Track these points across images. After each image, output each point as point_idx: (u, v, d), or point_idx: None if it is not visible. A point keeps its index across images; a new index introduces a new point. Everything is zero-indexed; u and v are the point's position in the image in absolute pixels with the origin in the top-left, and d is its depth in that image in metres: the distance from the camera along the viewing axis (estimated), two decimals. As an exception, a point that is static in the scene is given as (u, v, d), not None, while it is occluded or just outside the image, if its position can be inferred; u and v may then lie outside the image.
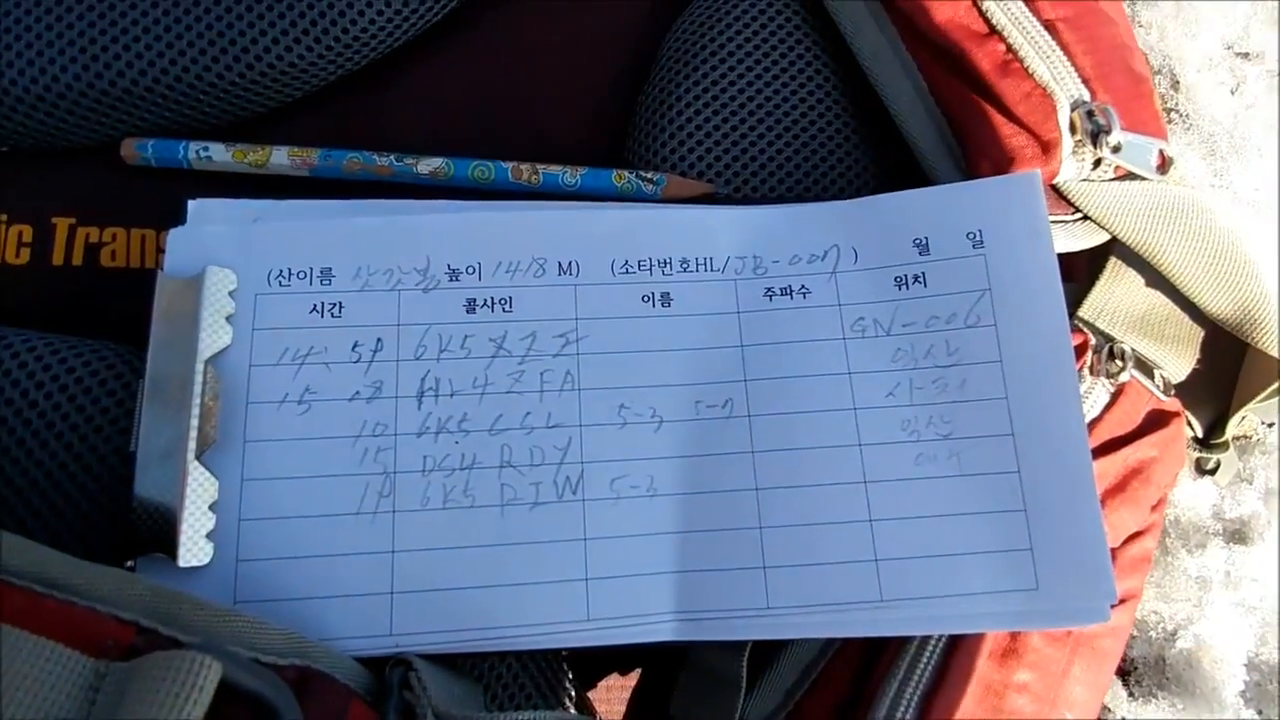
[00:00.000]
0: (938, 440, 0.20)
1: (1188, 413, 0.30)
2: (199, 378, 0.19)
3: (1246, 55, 0.51)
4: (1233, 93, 0.50)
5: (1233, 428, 0.31)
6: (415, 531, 0.19)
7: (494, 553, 0.19)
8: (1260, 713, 0.35)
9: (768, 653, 0.21)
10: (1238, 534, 0.38)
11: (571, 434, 0.20)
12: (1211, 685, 0.35)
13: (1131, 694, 0.36)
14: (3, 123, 0.22)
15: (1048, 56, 0.21)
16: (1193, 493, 0.38)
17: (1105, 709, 0.35)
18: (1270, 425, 0.41)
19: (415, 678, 0.17)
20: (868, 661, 0.21)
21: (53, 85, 0.22)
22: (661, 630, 0.19)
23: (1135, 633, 0.37)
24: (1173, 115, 0.48)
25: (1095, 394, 0.22)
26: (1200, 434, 0.32)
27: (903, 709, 0.20)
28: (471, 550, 0.19)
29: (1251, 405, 0.28)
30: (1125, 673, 0.36)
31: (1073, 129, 0.21)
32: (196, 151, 0.22)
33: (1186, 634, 0.36)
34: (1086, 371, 0.23)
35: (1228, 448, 0.33)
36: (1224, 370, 0.30)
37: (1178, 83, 0.50)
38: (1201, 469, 0.36)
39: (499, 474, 0.19)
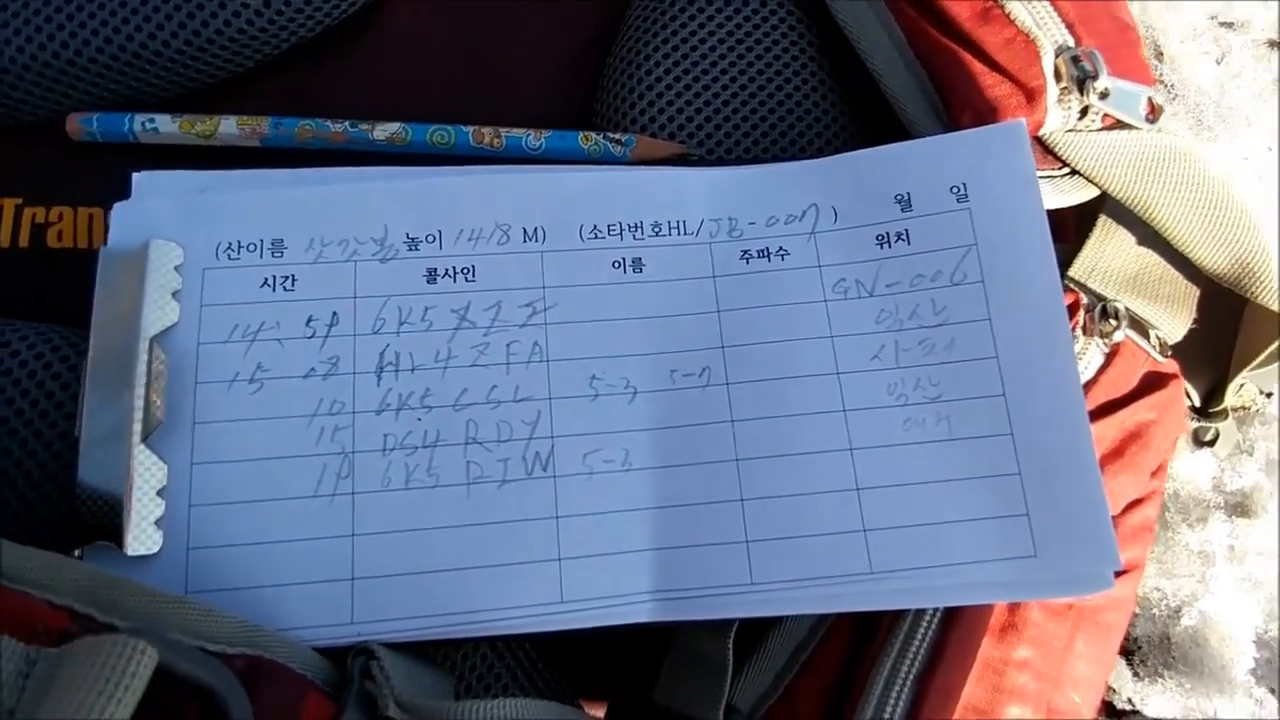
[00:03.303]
0: (926, 404, 0.19)
1: (1185, 382, 0.29)
2: (143, 356, 0.18)
3: (1231, 25, 0.51)
4: (1218, 63, 0.49)
5: (1231, 395, 0.30)
6: (376, 514, 0.18)
7: (460, 534, 0.18)
8: (1273, 690, 0.35)
9: (755, 635, 0.20)
10: (1240, 507, 0.38)
11: (540, 407, 0.19)
12: (1220, 663, 0.34)
13: (1136, 674, 0.35)
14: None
15: (1037, 12, 0.20)
16: (1192, 465, 0.37)
17: (1110, 689, 0.35)
18: (1269, 395, 0.41)
19: (377, 666, 0.16)
20: (860, 642, 0.20)
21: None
22: (640, 611, 0.18)
23: (1138, 611, 0.36)
24: (1159, 85, 0.48)
25: (1089, 355, 0.22)
26: (1198, 403, 0.31)
27: (897, 689, 0.19)
28: (437, 532, 0.18)
29: (1251, 368, 0.27)
30: (1129, 652, 0.36)
31: (1057, 76, 0.20)
32: (142, 124, 0.21)
33: (1191, 611, 0.35)
34: (1079, 332, 0.22)
35: (1226, 416, 0.32)
36: (1220, 337, 0.29)
37: (1162, 53, 0.49)
38: (1200, 440, 0.36)
39: (464, 451, 0.18)
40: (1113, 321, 0.22)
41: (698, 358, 0.19)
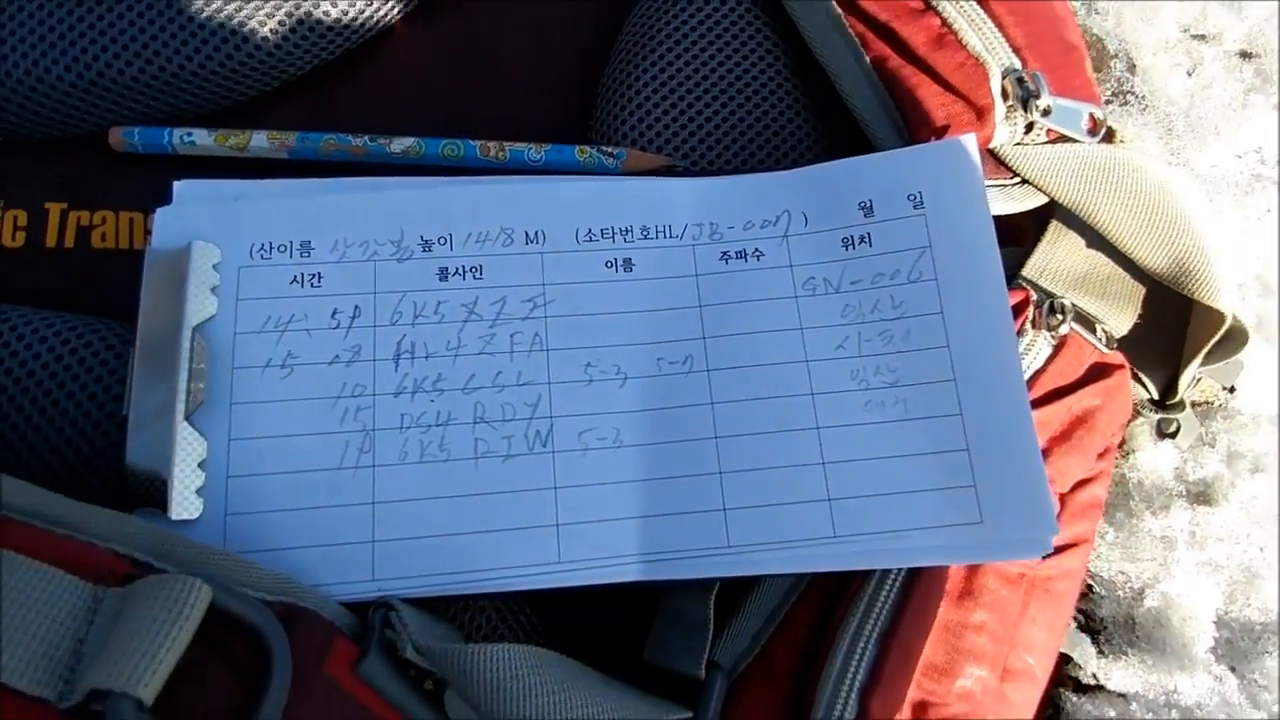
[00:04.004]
0: (885, 388, 0.21)
1: (1143, 375, 0.31)
2: (186, 345, 0.20)
3: (1204, 37, 0.53)
4: (1189, 74, 0.52)
5: (1185, 385, 0.32)
6: (394, 484, 0.20)
7: (469, 502, 0.20)
8: (1234, 669, 0.37)
9: (734, 599, 0.22)
10: (1202, 495, 0.40)
11: (541, 391, 0.21)
12: (1181, 642, 0.36)
13: (1101, 652, 0.37)
14: (-4, 114, 0.23)
15: (980, 28, 0.22)
16: (1155, 456, 0.40)
17: (1076, 665, 0.37)
18: (1231, 390, 0.43)
19: (396, 617, 0.18)
20: (830, 606, 0.23)
21: (45, 77, 0.23)
22: (629, 570, 0.20)
23: (1103, 593, 0.38)
24: (1129, 97, 0.50)
25: (1037, 346, 0.24)
26: (1156, 396, 0.34)
27: (861, 645, 0.21)
28: (448, 500, 0.20)
29: (1198, 359, 0.29)
30: (1095, 632, 0.38)
31: (1004, 95, 0.22)
32: (180, 137, 0.24)
33: (1154, 592, 0.37)
34: (1029, 325, 0.24)
35: (1184, 408, 0.34)
36: (1172, 333, 0.31)
37: (1134, 66, 0.52)
38: (1163, 433, 0.38)
39: (473, 429, 0.20)
40: (1059, 316, 0.24)
41: (682, 347, 0.21)
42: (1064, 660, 0.36)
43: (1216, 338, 0.27)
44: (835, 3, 0.23)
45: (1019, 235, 0.27)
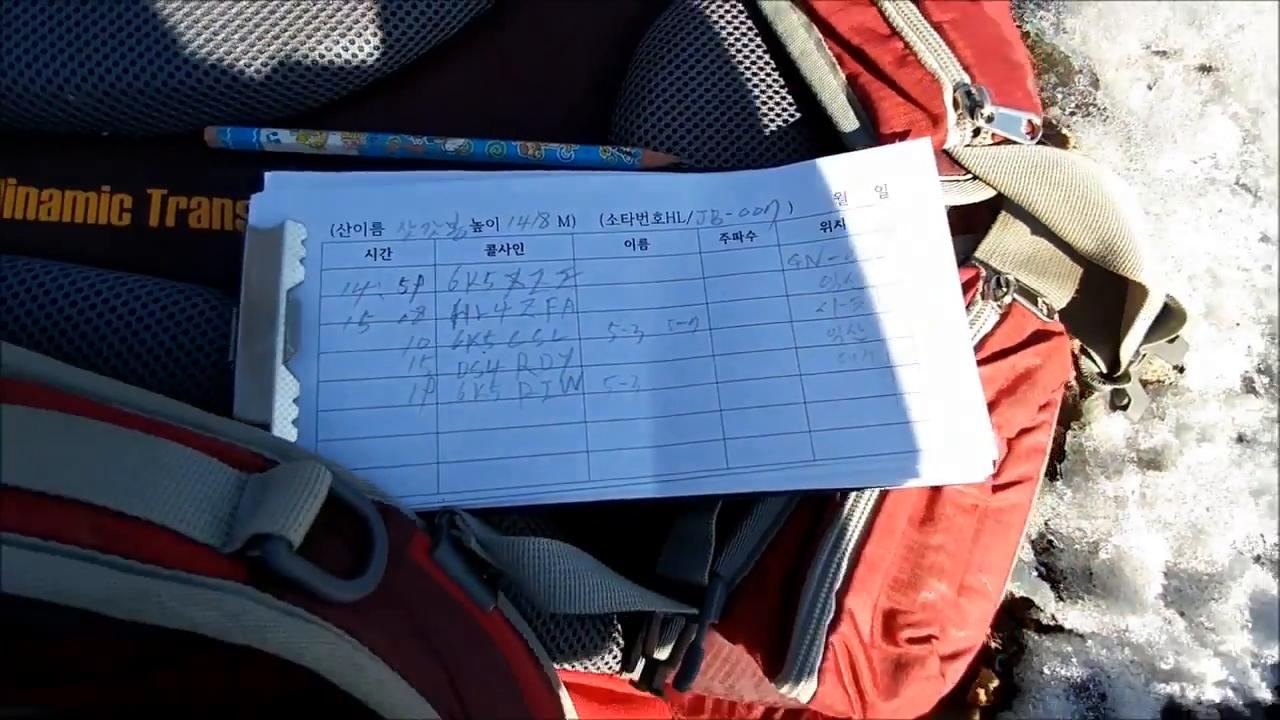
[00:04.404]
0: (855, 343, 0.25)
1: (1092, 352, 0.36)
2: (282, 304, 0.24)
3: (1165, 53, 0.59)
4: (1150, 87, 0.57)
5: (1126, 359, 0.36)
6: (454, 418, 0.24)
7: (515, 432, 0.24)
8: (1182, 614, 0.41)
9: (733, 523, 0.27)
10: (1152, 462, 0.44)
11: (573, 345, 0.25)
12: (1133, 589, 0.41)
13: (1060, 597, 0.41)
14: (107, 112, 0.28)
15: (935, 51, 0.27)
16: (1108, 426, 0.44)
17: (1037, 609, 0.41)
18: (1180, 370, 0.48)
19: (460, 519, 0.22)
20: (812, 528, 0.27)
21: (150, 82, 0.28)
22: (645, 489, 0.24)
23: (1062, 546, 0.43)
24: (1091, 109, 0.55)
25: (986, 314, 0.28)
26: (1104, 369, 0.38)
27: (838, 557, 0.26)
28: (498, 431, 0.24)
29: (1133, 332, 0.33)
30: (1055, 581, 0.42)
31: (955, 105, 0.27)
32: (267, 136, 0.28)
33: (1107, 545, 0.42)
34: (979, 297, 0.29)
35: (1129, 379, 0.38)
36: (1114, 312, 0.35)
37: (1098, 80, 0.57)
38: (1115, 405, 0.42)
39: (517, 376, 0.25)
40: (1004, 289, 0.28)
41: (688, 311, 0.26)
42: (1026, 604, 0.41)
43: (1146, 309, 0.31)
44: (816, 29, 0.28)
45: (975, 223, 0.31)
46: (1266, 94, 0.58)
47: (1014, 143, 0.28)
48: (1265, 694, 0.39)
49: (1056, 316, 0.31)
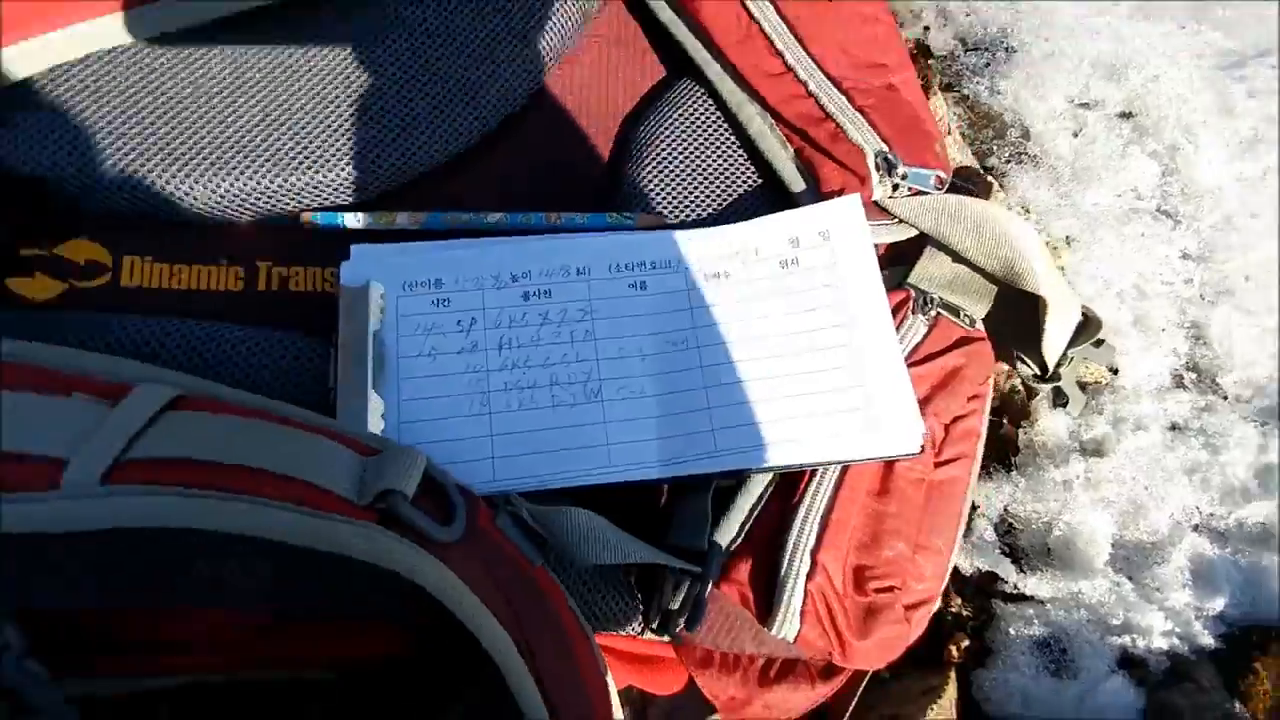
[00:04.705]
0: (810, 351, 0.33)
1: (1025, 358, 0.43)
2: (370, 343, 0.32)
3: (1087, 105, 0.68)
4: (1075, 135, 0.66)
5: (1051, 362, 0.43)
6: (503, 424, 0.31)
7: (551, 433, 0.31)
8: (1130, 578, 0.47)
9: (727, 501, 0.33)
10: (1094, 450, 0.51)
11: (592, 365, 0.33)
12: (1085, 559, 0.47)
13: (1021, 570, 0.47)
14: (227, 207, 0.36)
15: (860, 129, 0.35)
16: (1052, 422, 0.51)
17: (1002, 581, 0.47)
18: (1115, 372, 0.55)
19: (514, 497, 0.29)
20: (788, 501, 0.34)
21: (257, 186, 0.36)
22: (652, 471, 0.31)
23: (1021, 528, 0.49)
24: (1025, 158, 0.64)
25: (916, 326, 0.36)
26: (1037, 372, 0.45)
27: (810, 521, 0.32)
28: (537, 432, 0.31)
29: (1046, 337, 0.40)
30: (1017, 557, 0.48)
31: (877, 168, 0.35)
32: (349, 218, 0.36)
33: (1059, 524, 0.48)
34: (911, 313, 0.36)
35: (1059, 379, 0.45)
36: (1033, 325, 0.43)
37: (1029, 132, 0.66)
38: (1056, 403, 0.49)
39: (550, 390, 0.32)
40: (929, 306, 0.36)
41: (680, 334, 0.34)
42: (993, 578, 0.47)
43: (1050, 318, 0.38)
44: (769, 115, 0.37)
45: (908, 256, 0.39)
46: (1181, 132, 0.67)
47: (926, 193, 0.36)
48: (1208, 640, 0.45)
49: (979, 325, 0.38)
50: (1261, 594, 0.48)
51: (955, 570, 0.47)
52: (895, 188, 0.36)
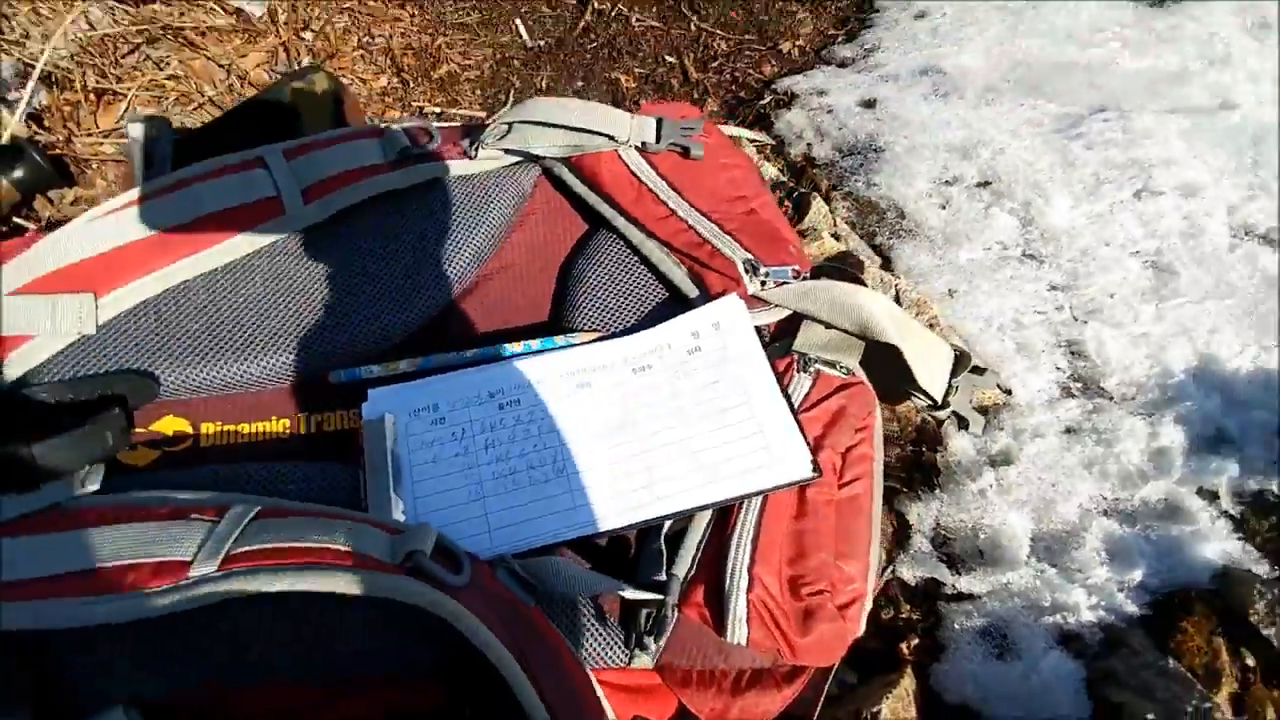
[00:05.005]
0: (718, 413, 0.43)
1: (920, 393, 0.53)
2: (389, 460, 0.43)
3: (949, 182, 0.82)
4: (943, 207, 0.80)
5: (938, 393, 0.53)
6: (494, 503, 0.41)
7: (531, 504, 0.41)
8: (1053, 564, 0.54)
9: (678, 542, 0.43)
10: (1003, 460, 0.60)
11: (556, 449, 0.43)
12: (1011, 555, 0.55)
13: (958, 573, 0.55)
14: (271, 378, 0.48)
15: (730, 246, 0.48)
16: (961, 443, 0.60)
17: (938, 584, 0.54)
18: (1009, 392, 0.65)
19: (508, 557, 0.39)
20: (725, 532, 0.43)
21: (289, 371, 0.48)
22: (611, 523, 0.41)
23: (952, 537, 0.57)
24: (904, 233, 0.77)
25: (802, 382, 0.46)
26: (930, 403, 0.55)
27: (743, 543, 0.41)
28: (521, 506, 0.41)
29: (921, 374, 0.51)
30: (953, 563, 0.56)
31: (747, 272, 0.47)
32: (366, 371, 0.48)
33: (983, 528, 0.56)
34: (797, 372, 0.47)
35: (948, 406, 0.55)
36: (905, 369, 0.53)
37: (904, 213, 0.79)
38: (960, 427, 0.59)
39: (528, 472, 0.42)
40: (810, 365, 0.47)
41: (620, 416, 0.44)
42: (935, 583, 0.54)
43: (910, 360, 0.49)
44: (665, 246, 0.49)
45: (792, 329, 0.50)
46: (1031, 189, 0.80)
47: (787, 283, 0.48)
48: (1134, 609, 0.52)
49: (856, 372, 0.49)
50: (1177, 561, 0.55)
51: (902, 581, 0.55)
52: (763, 283, 0.48)
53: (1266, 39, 0.97)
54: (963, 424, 0.59)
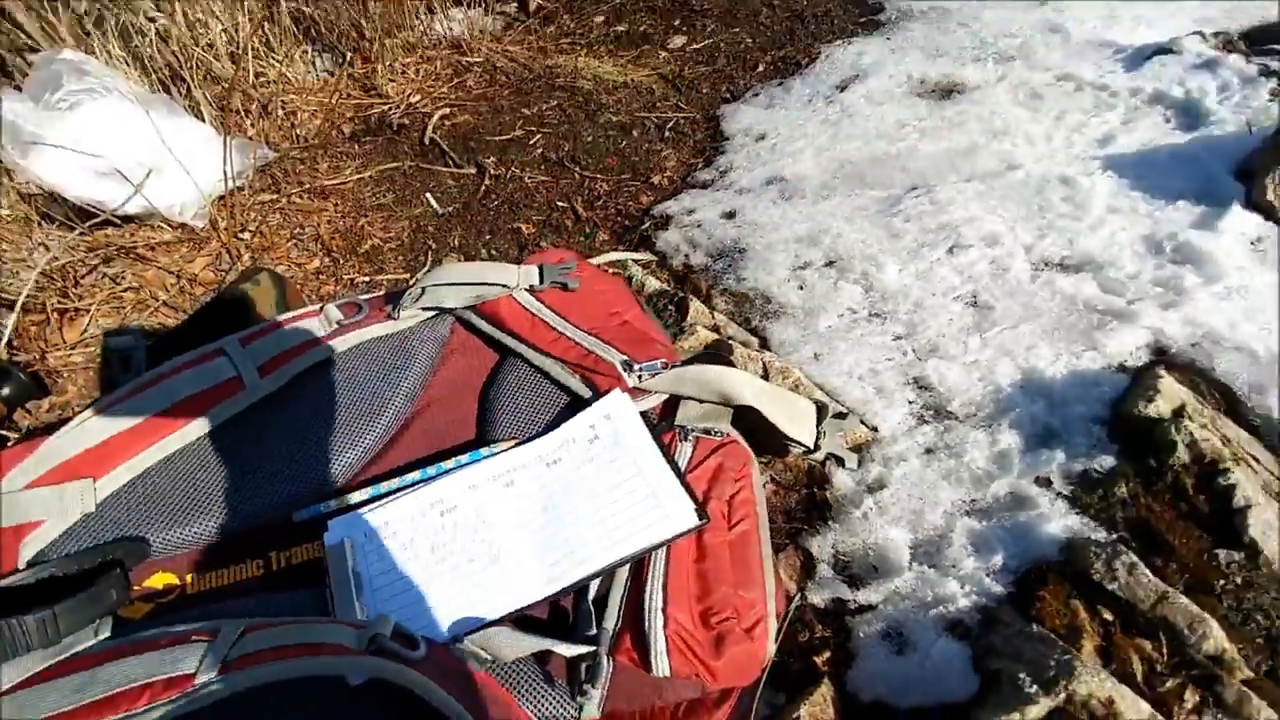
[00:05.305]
0: (616, 485, 0.54)
1: (794, 443, 0.65)
2: (351, 576, 0.51)
3: (803, 267, 0.98)
4: (800, 288, 0.95)
5: (806, 439, 0.65)
6: (442, 594, 0.50)
7: (474, 590, 0.50)
8: (932, 565, 0.64)
9: (605, 601, 0.51)
10: (879, 486, 0.71)
11: (491, 540, 0.52)
12: (896, 564, 0.65)
13: (856, 589, 0.64)
14: (241, 528, 0.56)
15: (609, 352, 0.60)
16: (842, 479, 0.72)
17: (843, 601, 0.63)
18: (875, 429, 0.77)
19: (459, 638, 0.47)
20: (639, 584, 0.52)
21: (260, 513, 0.57)
22: (544, 592, 0.49)
23: (848, 559, 0.67)
24: (771, 314, 0.92)
25: (684, 449, 0.57)
26: (808, 449, 0.67)
27: (655, 588, 0.51)
28: (465, 591, 0.50)
29: (780, 426, 0.63)
30: (852, 582, 0.65)
31: (625, 370, 0.59)
32: (322, 507, 0.57)
33: (870, 546, 0.66)
34: (679, 442, 0.58)
35: (820, 449, 0.67)
36: (772, 425, 0.65)
37: (770, 298, 0.94)
38: (838, 466, 0.71)
39: (469, 564, 0.51)
40: (689, 434, 0.58)
41: (540, 502, 0.54)
42: (840, 602, 0.63)
43: (774, 417, 0.61)
44: (560, 362, 0.61)
45: (671, 410, 0.62)
46: (867, 262, 0.97)
47: (660, 373, 0.60)
48: (1000, 589, 0.62)
49: (729, 433, 0.60)
50: (1029, 542, 0.65)
51: (813, 605, 0.63)
52: (639, 377, 0.60)
53: (1037, 106, 1.21)
54: (840, 462, 0.71)
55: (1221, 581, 0.60)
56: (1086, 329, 0.83)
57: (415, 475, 0.58)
